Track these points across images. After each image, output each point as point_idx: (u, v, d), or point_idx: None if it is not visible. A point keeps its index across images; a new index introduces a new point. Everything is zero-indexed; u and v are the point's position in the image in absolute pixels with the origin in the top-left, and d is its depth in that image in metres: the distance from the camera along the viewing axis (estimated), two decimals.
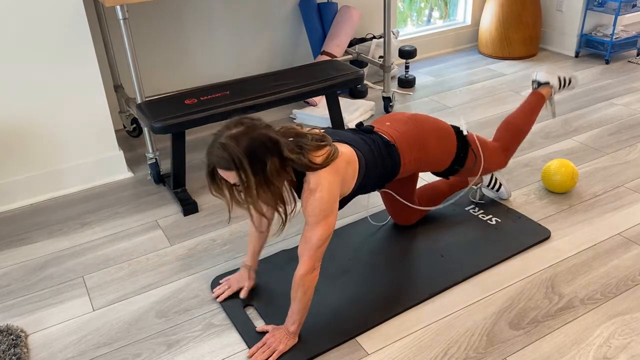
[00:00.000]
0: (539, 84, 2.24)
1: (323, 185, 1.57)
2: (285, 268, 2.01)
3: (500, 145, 2.11)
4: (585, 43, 3.97)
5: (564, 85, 2.27)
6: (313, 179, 1.58)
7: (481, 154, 2.01)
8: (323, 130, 1.76)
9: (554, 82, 2.23)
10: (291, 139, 1.59)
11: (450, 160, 1.95)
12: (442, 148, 1.92)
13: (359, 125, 1.89)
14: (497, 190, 2.32)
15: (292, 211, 1.64)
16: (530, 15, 3.89)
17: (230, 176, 1.53)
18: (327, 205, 1.59)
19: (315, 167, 1.57)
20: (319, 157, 1.58)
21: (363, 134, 1.83)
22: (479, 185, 2.32)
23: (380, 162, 1.79)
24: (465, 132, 1.99)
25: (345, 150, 1.68)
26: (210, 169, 1.57)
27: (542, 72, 2.25)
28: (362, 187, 1.79)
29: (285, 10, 3.43)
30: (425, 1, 4.14)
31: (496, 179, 2.29)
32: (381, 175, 1.82)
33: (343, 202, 1.79)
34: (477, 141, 2.03)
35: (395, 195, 2.09)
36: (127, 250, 2.18)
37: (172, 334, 1.78)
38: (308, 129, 1.73)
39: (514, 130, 2.13)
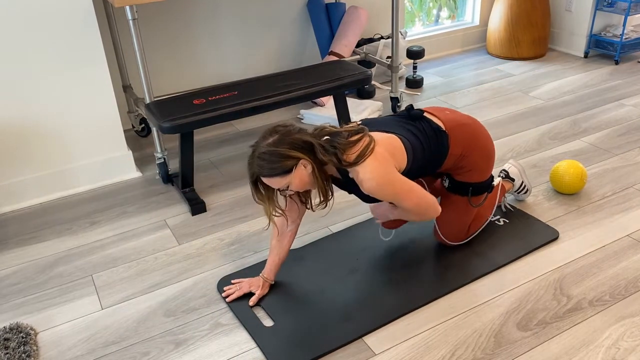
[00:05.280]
0: (507, 175, 2.25)
1: (366, 174, 1.61)
2: (293, 267, 2.01)
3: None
4: (594, 43, 3.95)
5: (520, 191, 2.29)
6: (357, 171, 1.62)
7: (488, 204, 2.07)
8: (360, 123, 1.78)
9: (517, 184, 2.26)
10: (325, 137, 1.64)
11: (477, 179, 1.93)
12: (480, 164, 1.91)
13: (410, 108, 1.87)
14: (524, 193, 2.30)
15: (327, 203, 1.70)
16: (539, 15, 3.87)
17: (274, 182, 1.62)
18: (388, 188, 1.64)
19: (349, 165, 1.61)
20: (353, 154, 1.61)
21: (408, 122, 1.82)
22: (508, 190, 2.29)
23: (428, 148, 1.79)
24: (494, 182, 2.06)
25: (383, 138, 1.69)
26: (253, 179, 1.67)
27: (515, 169, 2.26)
28: (409, 171, 1.77)
29: (293, 10, 3.44)
30: (434, 1, 4.14)
31: (525, 185, 2.28)
32: (427, 163, 1.81)
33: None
34: (498, 194, 2.11)
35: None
36: (136, 250, 2.19)
37: (180, 332, 1.79)
38: (344, 126, 1.75)
39: (477, 215, 2.08)
